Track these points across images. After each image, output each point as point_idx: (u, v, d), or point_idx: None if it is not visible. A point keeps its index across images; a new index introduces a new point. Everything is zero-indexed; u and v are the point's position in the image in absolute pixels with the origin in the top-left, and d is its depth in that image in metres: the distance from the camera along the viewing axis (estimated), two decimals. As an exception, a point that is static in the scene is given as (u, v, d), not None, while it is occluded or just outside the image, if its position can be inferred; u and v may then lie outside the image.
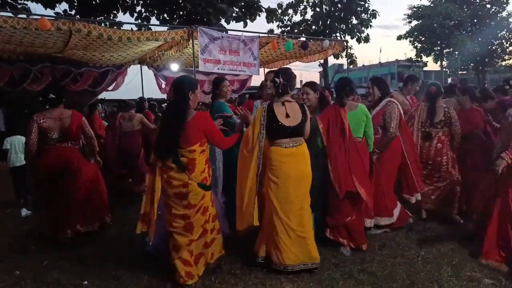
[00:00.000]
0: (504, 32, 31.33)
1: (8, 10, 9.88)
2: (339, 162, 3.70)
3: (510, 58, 32.75)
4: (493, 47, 31.50)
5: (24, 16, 6.41)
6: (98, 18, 11.47)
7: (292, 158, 3.29)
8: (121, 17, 20.61)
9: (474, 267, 3.36)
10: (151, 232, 3.22)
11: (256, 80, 11.33)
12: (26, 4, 11.24)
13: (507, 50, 32.34)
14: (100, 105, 8.59)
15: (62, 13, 11.29)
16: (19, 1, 10.98)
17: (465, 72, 38.26)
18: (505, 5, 30.51)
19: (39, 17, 5.38)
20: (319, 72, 32.42)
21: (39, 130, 4.13)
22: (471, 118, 4.71)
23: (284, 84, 3.31)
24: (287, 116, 3.27)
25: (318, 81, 36.97)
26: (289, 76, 3.35)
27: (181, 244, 3.17)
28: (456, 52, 30.80)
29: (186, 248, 3.17)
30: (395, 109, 4.19)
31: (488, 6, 30.92)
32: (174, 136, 3.08)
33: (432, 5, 30.54)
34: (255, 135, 3.29)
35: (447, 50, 31.54)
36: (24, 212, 5.52)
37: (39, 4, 11.02)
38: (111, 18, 12.22)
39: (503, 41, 31.97)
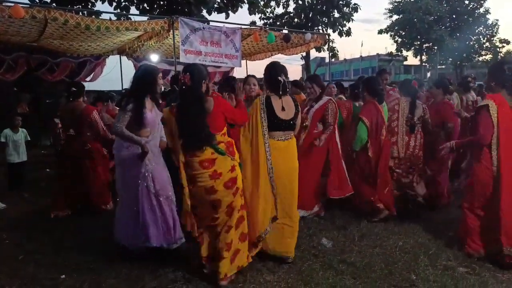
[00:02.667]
0: (481, 28, 32.14)
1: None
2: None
3: (487, 54, 33.62)
4: (471, 43, 32.26)
5: (-3, 2, 6.19)
6: (75, 7, 11.18)
7: (283, 151, 3.30)
8: (100, 6, 20.07)
9: (449, 256, 3.44)
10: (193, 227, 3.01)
11: (239, 72, 11.26)
12: (-1, -9, 10.85)
13: (484, 46, 33.18)
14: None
15: (37, 1, 10.95)
16: (-8, -12, 10.59)
17: (443, 66, 39.09)
18: (482, 2, 31.26)
19: (12, 4, 5.20)
20: (301, 65, 32.65)
21: None
22: (440, 111, 4.78)
23: (289, 82, 3.41)
24: (283, 109, 3.29)
25: (300, 74, 37.12)
26: (286, 73, 3.38)
27: (231, 237, 2.96)
28: (436, 47, 31.44)
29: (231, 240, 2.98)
30: (334, 106, 4.50)
31: (467, 2, 31.60)
32: (204, 122, 2.86)
33: (412, 0, 31.00)
34: (259, 130, 3.21)
35: (427, 45, 32.16)
36: (-1, 205, 5.36)
37: (13, -9, 10.66)
38: (89, 7, 11.93)
39: (480, 37, 32.80)
